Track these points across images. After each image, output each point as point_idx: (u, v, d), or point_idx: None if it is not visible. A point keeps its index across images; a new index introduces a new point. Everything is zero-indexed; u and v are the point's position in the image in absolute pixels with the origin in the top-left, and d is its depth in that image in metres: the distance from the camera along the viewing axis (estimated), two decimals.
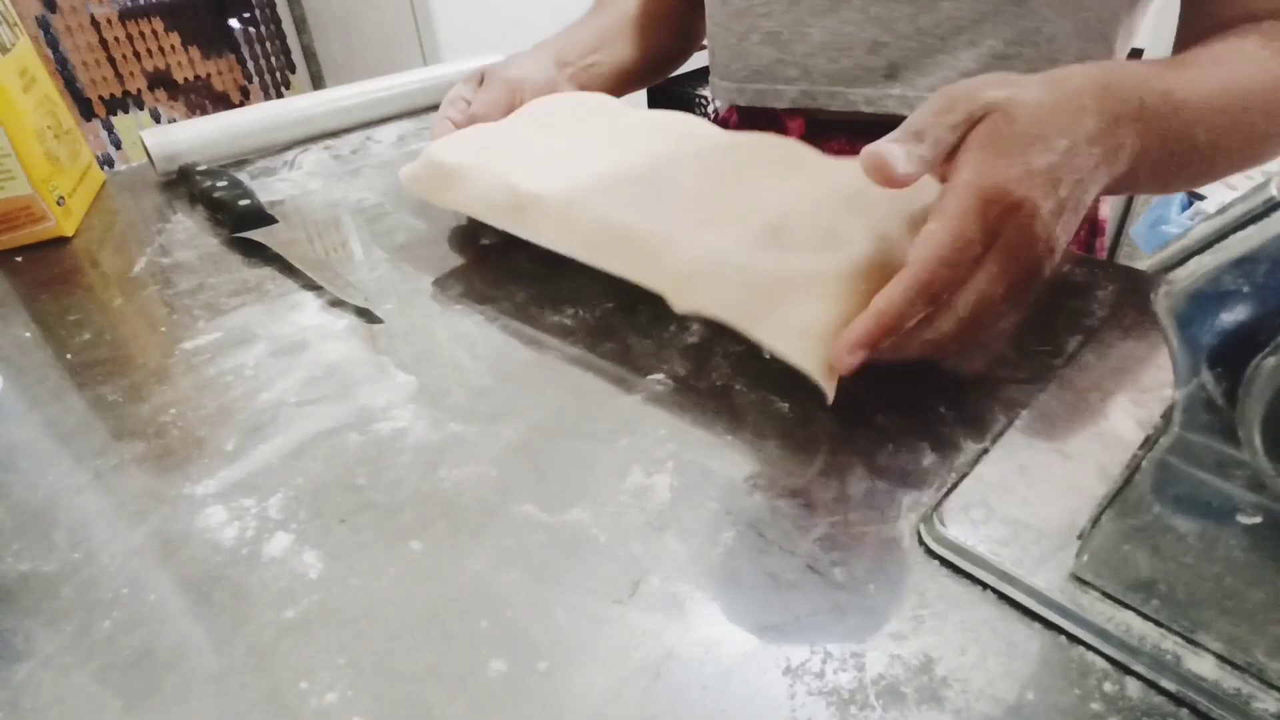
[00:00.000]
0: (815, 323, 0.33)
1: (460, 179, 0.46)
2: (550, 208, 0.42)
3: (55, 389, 0.38)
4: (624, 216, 0.40)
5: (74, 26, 1.32)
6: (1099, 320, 0.39)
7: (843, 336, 0.31)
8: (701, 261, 0.36)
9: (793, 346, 0.33)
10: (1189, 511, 0.23)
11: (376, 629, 0.26)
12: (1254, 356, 0.20)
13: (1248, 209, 0.20)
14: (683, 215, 0.39)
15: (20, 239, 0.51)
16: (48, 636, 0.26)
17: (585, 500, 0.30)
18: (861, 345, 0.30)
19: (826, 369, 0.32)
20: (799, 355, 0.33)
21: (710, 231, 0.38)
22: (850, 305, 0.33)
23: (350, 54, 1.58)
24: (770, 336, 0.34)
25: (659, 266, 0.37)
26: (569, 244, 0.41)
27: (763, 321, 0.34)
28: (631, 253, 0.38)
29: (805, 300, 0.33)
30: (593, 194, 0.42)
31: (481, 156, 0.47)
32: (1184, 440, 0.22)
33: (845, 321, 0.32)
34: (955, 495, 0.29)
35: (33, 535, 0.29)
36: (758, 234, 0.37)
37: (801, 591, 0.26)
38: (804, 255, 0.35)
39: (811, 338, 0.33)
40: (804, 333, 0.33)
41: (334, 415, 0.35)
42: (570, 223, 0.41)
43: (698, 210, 0.40)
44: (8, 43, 0.51)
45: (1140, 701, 0.23)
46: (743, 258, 0.36)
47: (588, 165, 0.45)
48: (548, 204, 0.42)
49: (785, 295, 0.34)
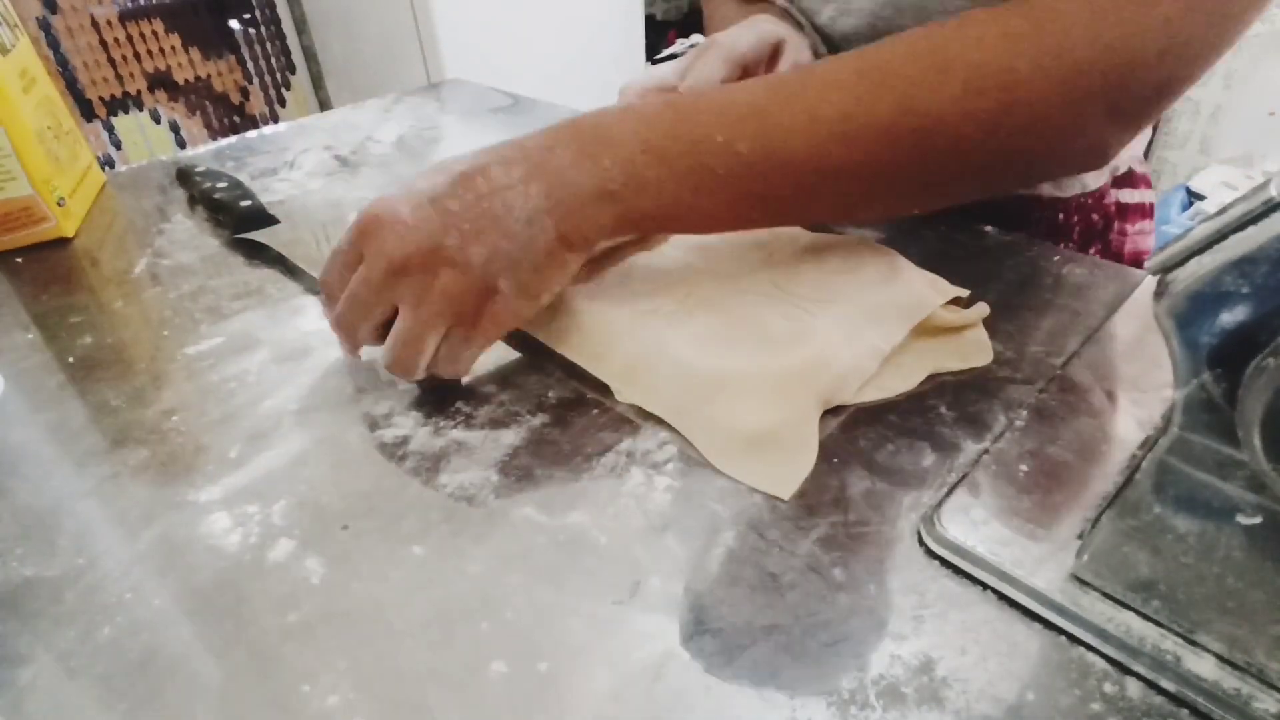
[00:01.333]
0: (743, 425, 0.32)
1: None
2: None
3: (57, 392, 0.38)
4: (579, 303, 0.38)
5: (74, 27, 1.32)
6: (1099, 320, 0.39)
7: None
8: (640, 356, 0.35)
9: (715, 448, 0.32)
10: (1189, 512, 0.23)
11: (378, 632, 0.26)
12: (1254, 356, 0.20)
13: (1248, 209, 0.20)
14: (630, 301, 0.38)
15: (20, 240, 0.51)
16: (51, 641, 0.26)
17: (585, 503, 0.30)
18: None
19: (755, 472, 0.31)
20: (720, 458, 0.32)
21: (651, 321, 0.37)
22: (783, 408, 0.32)
23: (350, 54, 1.58)
24: (699, 437, 0.33)
25: (603, 357, 0.36)
26: (532, 325, 0.39)
27: (692, 420, 0.33)
28: (582, 342, 0.37)
29: (734, 400, 0.33)
30: None
31: None
32: (1184, 440, 0.22)
33: (778, 424, 0.32)
34: (955, 495, 0.29)
35: (37, 540, 0.30)
36: (706, 327, 0.36)
37: (801, 591, 0.26)
38: (748, 350, 0.34)
39: (737, 440, 0.32)
40: (729, 437, 0.32)
41: (336, 422, 0.35)
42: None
43: (645, 297, 0.39)
44: (8, 44, 0.51)
45: (1140, 702, 0.23)
46: (682, 354, 0.35)
47: None
48: None
49: (716, 394, 0.33)
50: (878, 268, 0.40)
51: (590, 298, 0.38)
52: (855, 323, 0.36)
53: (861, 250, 0.42)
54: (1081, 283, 0.42)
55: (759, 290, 0.39)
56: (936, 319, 0.37)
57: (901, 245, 0.46)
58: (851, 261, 0.40)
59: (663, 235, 0.42)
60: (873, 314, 0.36)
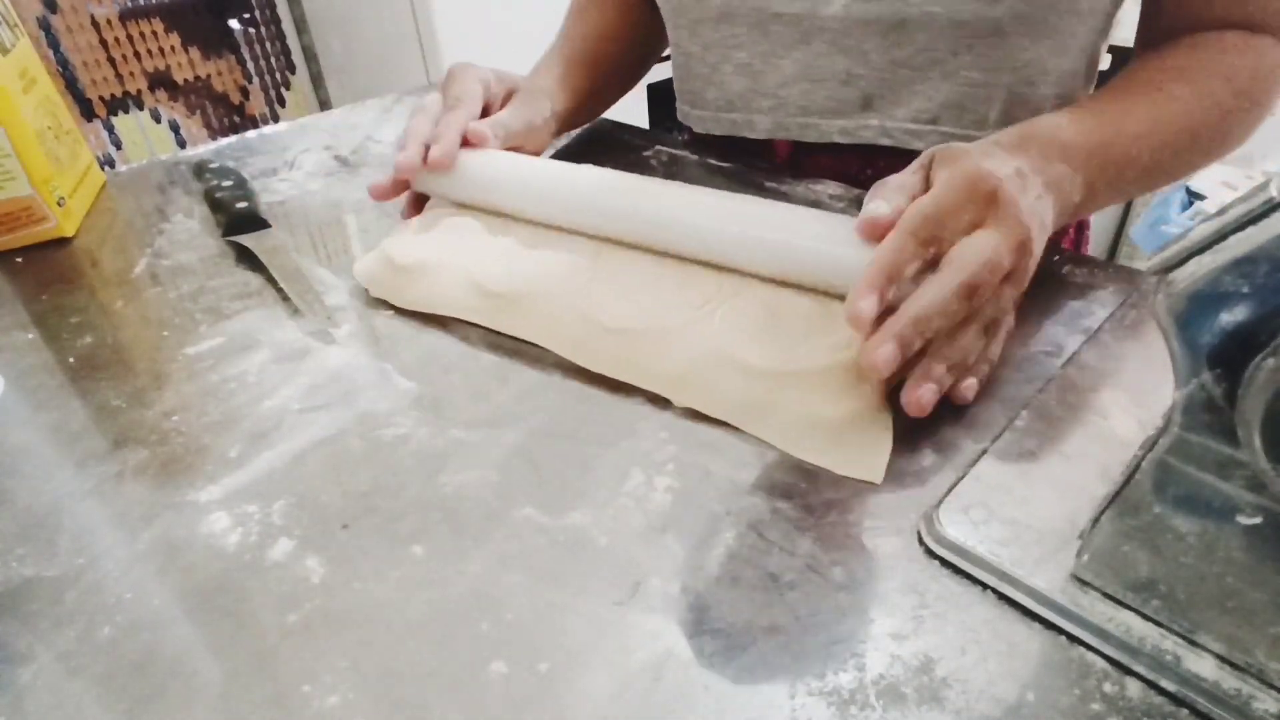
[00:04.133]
0: (821, 417, 0.32)
1: (421, 279, 0.42)
2: (527, 307, 0.40)
3: (58, 392, 0.38)
4: (607, 315, 0.38)
5: (74, 27, 1.32)
6: (1099, 320, 0.39)
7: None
8: (695, 362, 0.35)
9: (801, 445, 0.32)
10: (1189, 511, 0.23)
11: (378, 632, 0.26)
12: (1254, 356, 0.20)
13: (1248, 209, 0.20)
14: (664, 308, 0.38)
15: (21, 239, 0.51)
16: (51, 641, 0.26)
17: (586, 503, 0.30)
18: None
19: (842, 459, 0.31)
20: (811, 454, 0.32)
21: (696, 325, 0.37)
22: (856, 395, 0.33)
23: (350, 54, 1.58)
24: (777, 437, 0.33)
25: (650, 368, 0.36)
26: (554, 343, 0.38)
27: (766, 422, 0.33)
28: (619, 354, 0.37)
29: (806, 394, 0.33)
30: (568, 288, 0.40)
31: (440, 252, 0.44)
32: (1184, 440, 0.22)
33: (851, 412, 0.32)
34: (955, 495, 0.29)
35: (37, 540, 0.30)
36: (748, 322, 0.37)
37: (801, 591, 0.26)
38: (797, 344, 0.35)
39: (820, 433, 0.32)
40: (811, 428, 0.32)
41: (336, 422, 0.35)
42: (550, 323, 0.39)
43: (679, 301, 0.39)
44: (8, 43, 0.51)
45: (1140, 702, 0.23)
46: (736, 353, 0.35)
47: (555, 254, 0.43)
48: (523, 304, 0.40)
49: (786, 389, 0.33)
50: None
51: (623, 310, 0.38)
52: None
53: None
54: (1081, 283, 0.42)
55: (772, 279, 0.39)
56: None
57: None
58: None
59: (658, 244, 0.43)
60: None
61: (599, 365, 0.37)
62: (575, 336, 0.38)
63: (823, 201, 0.52)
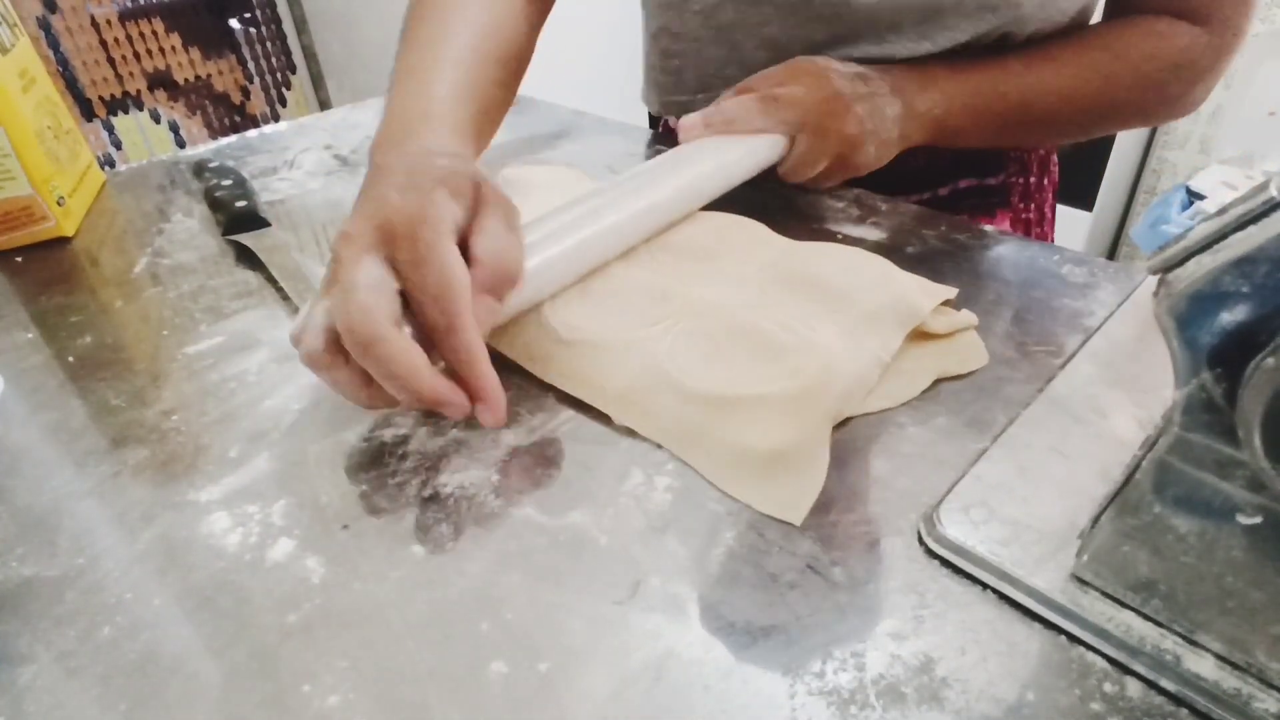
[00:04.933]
0: (749, 449, 0.31)
1: None
2: None
3: (57, 392, 0.38)
4: (563, 326, 0.37)
5: (74, 27, 1.32)
6: (1099, 320, 0.39)
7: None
8: (636, 380, 0.34)
9: (726, 476, 0.31)
10: (1189, 511, 0.23)
11: (378, 632, 0.26)
12: (1254, 356, 0.20)
13: (1248, 209, 0.20)
14: (619, 322, 0.37)
15: (20, 239, 0.51)
16: (51, 641, 0.26)
17: (585, 503, 0.30)
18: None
19: (764, 496, 0.30)
20: (734, 486, 0.30)
21: (645, 343, 0.35)
22: (794, 428, 0.31)
23: (350, 54, 1.58)
24: (705, 465, 0.31)
25: (594, 382, 0.35)
26: (511, 350, 0.37)
27: (696, 448, 0.32)
28: (568, 367, 0.36)
29: (739, 423, 0.32)
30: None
31: None
32: (1184, 440, 0.22)
33: (783, 445, 0.30)
34: (955, 495, 0.29)
35: (37, 540, 0.30)
36: (702, 344, 0.35)
37: (801, 591, 0.26)
38: (742, 370, 0.33)
39: (747, 465, 0.31)
40: (739, 459, 0.31)
41: (336, 422, 0.35)
42: (511, 328, 0.37)
43: (636, 316, 0.37)
44: (8, 43, 0.51)
45: (1140, 701, 0.23)
46: (675, 374, 0.33)
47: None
48: None
49: (723, 416, 0.32)
50: (869, 273, 0.39)
51: (578, 321, 0.37)
52: (854, 332, 0.35)
53: (852, 257, 0.41)
54: (1081, 283, 0.42)
55: (750, 301, 0.38)
56: (929, 325, 0.37)
57: (903, 244, 0.46)
58: (842, 268, 0.40)
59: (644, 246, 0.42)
60: (869, 322, 0.36)
61: (549, 375, 0.36)
62: (530, 344, 0.37)
63: (824, 202, 0.52)
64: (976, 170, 0.60)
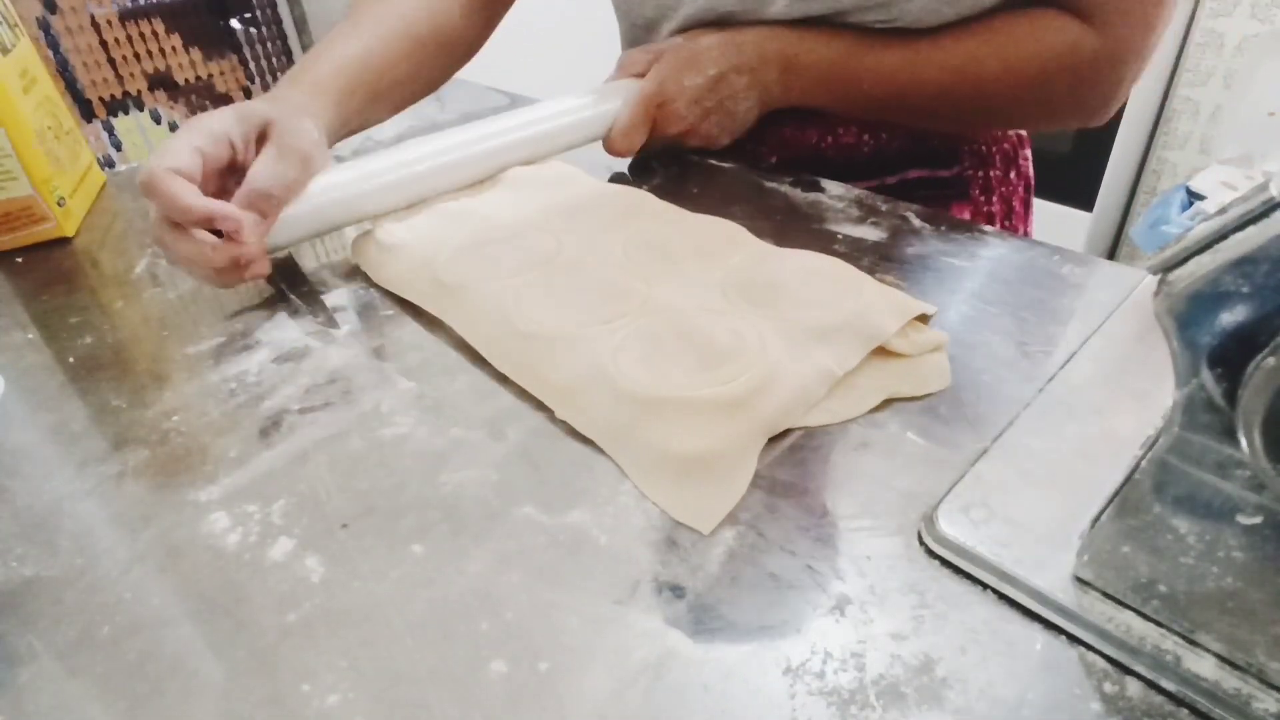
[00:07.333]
0: (672, 452, 0.30)
1: (393, 260, 0.44)
2: (459, 298, 0.40)
3: (58, 393, 0.38)
4: (522, 318, 0.37)
5: (74, 27, 1.32)
6: (1099, 320, 0.39)
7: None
8: (578, 376, 0.34)
9: (646, 478, 0.31)
10: (1189, 511, 0.23)
11: (378, 632, 0.26)
12: (1254, 356, 0.20)
13: (1248, 209, 0.20)
14: (576, 317, 0.37)
15: (21, 240, 0.51)
16: (51, 641, 0.26)
17: (586, 502, 0.30)
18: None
19: (679, 502, 0.30)
20: (652, 489, 0.30)
21: (596, 340, 0.36)
22: (719, 435, 0.31)
23: None
24: (629, 465, 0.31)
25: (541, 376, 0.35)
26: (475, 339, 0.38)
27: (623, 448, 0.32)
28: (521, 359, 0.36)
29: (665, 425, 0.31)
30: (502, 285, 0.40)
31: (417, 235, 0.45)
32: (1184, 440, 0.22)
33: (706, 451, 0.30)
34: (955, 495, 0.29)
35: (36, 540, 0.30)
36: (647, 342, 0.35)
37: (801, 591, 0.26)
38: (680, 372, 0.33)
39: (667, 468, 0.30)
40: (660, 462, 0.31)
41: (336, 422, 0.35)
42: (475, 317, 0.39)
43: (593, 312, 0.37)
44: (8, 44, 0.51)
45: (1140, 701, 0.23)
46: (612, 372, 0.33)
47: (510, 251, 0.43)
48: (457, 295, 0.40)
49: (650, 416, 0.32)
50: (838, 285, 0.38)
51: (539, 314, 0.37)
52: (804, 341, 0.35)
53: (826, 267, 0.40)
54: (1081, 283, 0.42)
55: (711, 305, 0.38)
56: (892, 345, 0.36)
57: (902, 244, 0.46)
58: (811, 278, 0.39)
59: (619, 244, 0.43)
60: (827, 333, 0.35)
61: (505, 367, 0.36)
62: (490, 335, 0.38)
63: (824, 202, 0.52)
64: (927, 162, 0.59)
